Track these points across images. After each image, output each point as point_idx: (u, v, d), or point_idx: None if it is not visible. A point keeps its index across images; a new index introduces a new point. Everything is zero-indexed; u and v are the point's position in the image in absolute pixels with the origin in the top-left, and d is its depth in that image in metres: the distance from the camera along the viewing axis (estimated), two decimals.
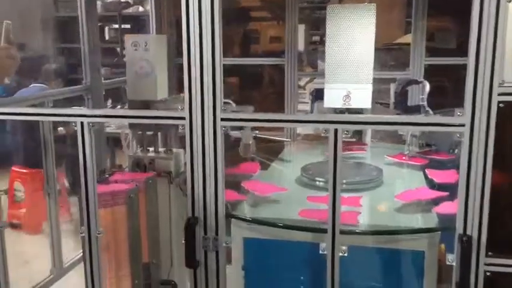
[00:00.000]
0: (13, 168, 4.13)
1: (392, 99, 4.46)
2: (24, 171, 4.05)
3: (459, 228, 1.43)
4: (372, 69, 2.32)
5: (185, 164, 2.20)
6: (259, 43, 5.72)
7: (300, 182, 2.10)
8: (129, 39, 2.05)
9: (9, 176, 4.17)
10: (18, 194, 4.12)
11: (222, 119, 1.50)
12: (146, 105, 1.99)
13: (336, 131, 1.44)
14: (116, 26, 7.12)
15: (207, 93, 1.50)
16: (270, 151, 2.59)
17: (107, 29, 7.41)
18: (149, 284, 2.00)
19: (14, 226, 3.99)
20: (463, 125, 1.36)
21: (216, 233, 1.57)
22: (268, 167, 2.36)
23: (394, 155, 2.39)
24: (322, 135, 1.47)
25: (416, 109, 2.82)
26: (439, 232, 1.64)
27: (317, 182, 2.03)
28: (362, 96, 2.34)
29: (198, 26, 1.47)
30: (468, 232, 1.42)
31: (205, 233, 1.57)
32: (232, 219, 1.74)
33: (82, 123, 1.57)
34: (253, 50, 5.79)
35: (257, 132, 2.54)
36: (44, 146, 2.11)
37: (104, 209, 1.93)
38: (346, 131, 1.45)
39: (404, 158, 2.38)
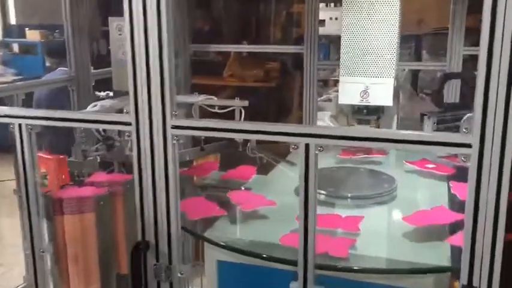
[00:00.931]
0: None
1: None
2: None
3: (463, 278, 1.08)
4: (395, 60, 1.97)
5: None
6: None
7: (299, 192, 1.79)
8: (113, 22, 1.79)
9: None
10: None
11: (174, 127, 1.22)
12: None
13: (307, 146, 1.12)
14: None
15: (155, 94, 1.21)
16: (280, 151, 2.28)
17: None
18: None
19: None
20: (469, 146, 1.01)
21: (170, 261, 1.30)
22: (270, 171, 2.05)
23: (415, 161, 2.02)
24: (291, 150, 1.16)
25: (455, 107, 2.42)
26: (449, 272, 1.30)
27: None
28: (382, 92, 2.00)
29: (142, 11, 1.18)
30: (475, 284, 1.07)
31: (157, 260, 1.31)
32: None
33: (20, 125, 1.33)
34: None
35: None
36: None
37: (70, 216, 1.71)
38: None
39: (427, 165, 2.00)
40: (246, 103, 1.86)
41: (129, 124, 1.24)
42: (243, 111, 1.88)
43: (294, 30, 4.84)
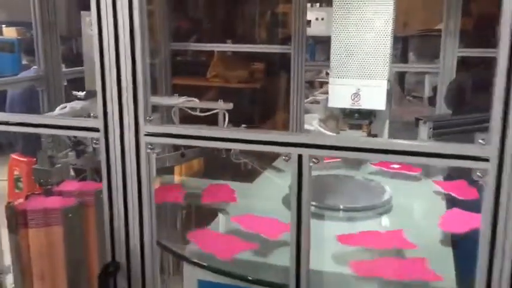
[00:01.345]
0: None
1: (426, 94, 3.91)
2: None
3: None
4: (388, 62, 1.84)
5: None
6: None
7: (288, 203, 1.64)
8: (85, 16, 1.62)
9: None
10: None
11: (148, 134, 1.06)
12: None
13: (300, 158, 0.98)
14: None
15: (126, 96, 1.06)
16: (266, 156, 2.14)
17: None
18: None
19: None
20: (486, 160, 0.87)
21: (143, 285, 1.14)
22: (255, 178, 1.90)
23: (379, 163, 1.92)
24: (284, 159, 1.01)
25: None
26: None
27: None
28: (374, 95, 1.87)
29: (111, 2, 1.02)
30: None
31: (129, 284, 1.15)
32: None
33: None
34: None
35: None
36: None
37: (35, 230, 1.54)
38: None
39: (392, 165, 1.89)
40: (230, 106, 1.72)
41: (97, 130, 1.08)
42: (226, 114, 1.74)
43: (280, 30, 4.70)
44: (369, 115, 2.00)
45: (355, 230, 1.38)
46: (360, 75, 1.87)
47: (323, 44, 4.60)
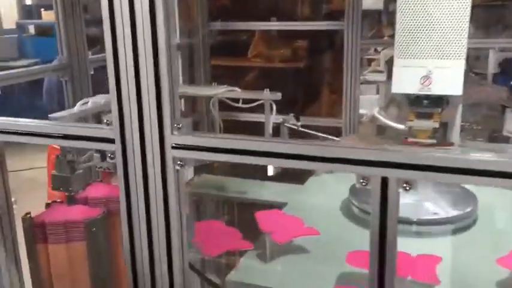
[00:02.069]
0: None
1: (491, 70, 3.49)
2: None
3: None
4: (466, 38, 1.52)
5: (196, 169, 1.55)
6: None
7: (347, 212, 1.36)
8: None
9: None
10: None
11: (176, 146, 0.80)
12: None
13: (384, 181, 0.69)
14: None
15: (148, 99, 0.79)
16: None
17: None
18: None
19: None
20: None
21: None
22: (306, 179, 1.62)
23: None
24: (358, 186, 0.73)
25: None
26: None
27: None
28: (449, 78, 1.55)
29: None
30: None
31: None
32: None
33: None
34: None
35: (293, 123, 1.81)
36: None
37: (55, 245, 1.32)
38: None
39: None
40: (278, 96, 1.43)
41: (112, 141, 0.82)
42: (274, 105, 1.45)
43: (324, 6, 4.33)
44: (440, 101, 1.67)
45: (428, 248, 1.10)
46: (432, 54, 1.56)
47: (372, 17, 4.22)
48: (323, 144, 0.72)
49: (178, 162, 0.80)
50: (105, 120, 0.82)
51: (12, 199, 1.50)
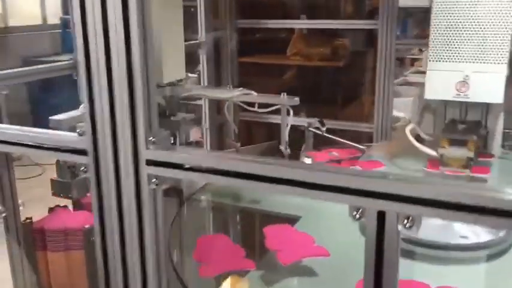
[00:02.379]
0: None
1: None
2: None
3: None
4: (509, 40, 1.37)
5: None
6: None
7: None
8: None
9: None
10: None
11: (151, 162, 0.70)
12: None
13: (381, 215, 0.58)
14: None
15: (121, 109, 0.70)
16: None
17: None
18: None
19: None
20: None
21: None
22: None
23: None
24: (353, 219, 0.61)
25: None
26: None
27: None
28: (488, 84, 1.41)
29: None
30: None
31: None
32: None
33: None
34: None
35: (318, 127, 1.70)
36: None
37: (55, 253, 1.27)
38: None
39: None
40: (296, 101, 1.32)
41: (84, 153, 0.74)
42: (291, 111, 1.34)
43: (366, 2, 4.15)
44: (478, 127, 1.53)
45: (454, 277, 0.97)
46: (470, 58, 1.42)
47: (417, 16, 4.00)
48: (308, 168, 0.60)
49: (153, 180, 0.70)
50: (77, 130, 0.74)
51: (19, 201, 1.46)
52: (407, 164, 1.61)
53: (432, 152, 1.47)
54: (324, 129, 1.74)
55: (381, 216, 0.57)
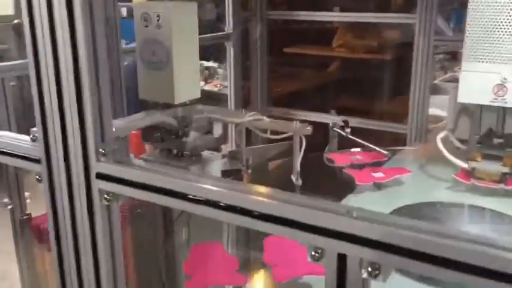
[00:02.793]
0: None
1: None
2: None
3: None
4: None
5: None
6: None
7: None
8: (138, 8, 1.18)
9: None
10: None
11: (101, 176, 0.63)
12: (167, 107, 1.18)
13: (341, 259, 0.47)
14: None
15: (70, 115, 0.62)
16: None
17: None
18: None
19: None
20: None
21: None
22: (344, 197, 1.38)
23: None
24: (312, 259, 0.51)
25: None
26: None
27: None
28: None
29: None
30: None
31: None
32: None
33: None
34: None
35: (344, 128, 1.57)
36: None
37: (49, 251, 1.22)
38: None
39: None
40: (308, 130, 1.19)
41: (37, 161, 0.67)
42: (304, 140, 1.20)
43: None
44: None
45: None
46: (508, 58, 1.27)
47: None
48: (265, 195, 0.51)
49: (105, 196, 0.63)
50: (31, 135, 0.67)
51: (26, 193, 1.44)
52: (436, 171, 1.48)
53: (463, 164, 1.33)
54: (349, 130, 1.61)
55: (342, 259, 0.47)
